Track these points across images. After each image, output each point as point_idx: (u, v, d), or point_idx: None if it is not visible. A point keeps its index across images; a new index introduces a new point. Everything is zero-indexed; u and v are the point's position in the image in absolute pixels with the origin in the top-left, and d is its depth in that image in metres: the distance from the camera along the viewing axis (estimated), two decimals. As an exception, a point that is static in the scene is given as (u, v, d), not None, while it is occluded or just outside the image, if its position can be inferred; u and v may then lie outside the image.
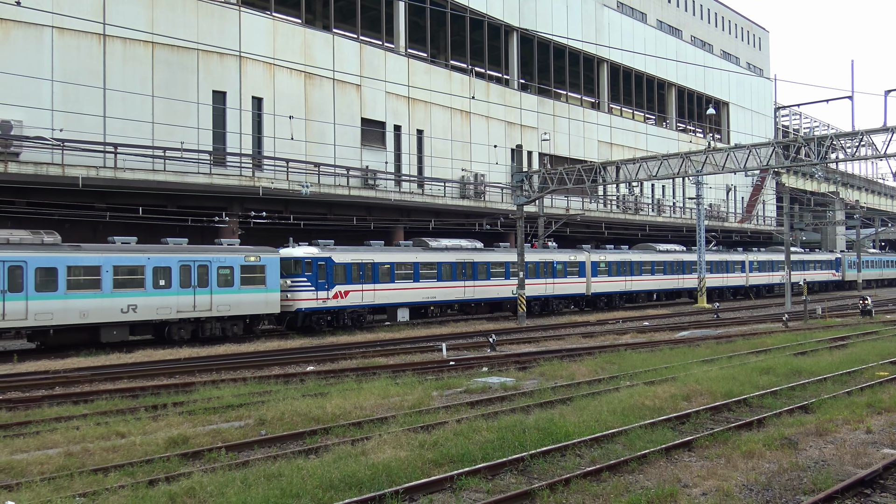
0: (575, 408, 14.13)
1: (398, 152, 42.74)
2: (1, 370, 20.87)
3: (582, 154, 54.71)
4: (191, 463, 10.91)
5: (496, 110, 48.55)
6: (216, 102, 34.59)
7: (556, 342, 27.41)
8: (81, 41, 30.76)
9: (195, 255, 27.33)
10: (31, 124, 28.82)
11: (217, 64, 34.57)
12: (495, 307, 39.63)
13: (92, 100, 30.76)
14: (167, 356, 23.82)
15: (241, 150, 35.00)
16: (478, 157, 46.67)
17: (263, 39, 36.21)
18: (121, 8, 31.59)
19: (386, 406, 14.86)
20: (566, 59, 54.81)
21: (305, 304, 30.11)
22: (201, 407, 14.75)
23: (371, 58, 41.38)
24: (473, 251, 37.11)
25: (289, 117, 36.30)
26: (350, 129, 39.89)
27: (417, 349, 25.21)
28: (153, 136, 32.09)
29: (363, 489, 9.31)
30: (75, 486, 9.60)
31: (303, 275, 30.11)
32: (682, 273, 49.64)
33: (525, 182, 37.06)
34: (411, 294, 33.97)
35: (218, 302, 27.72)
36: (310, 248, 30.72)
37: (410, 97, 43.18)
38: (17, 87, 28.86)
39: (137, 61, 32.19)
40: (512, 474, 10.25)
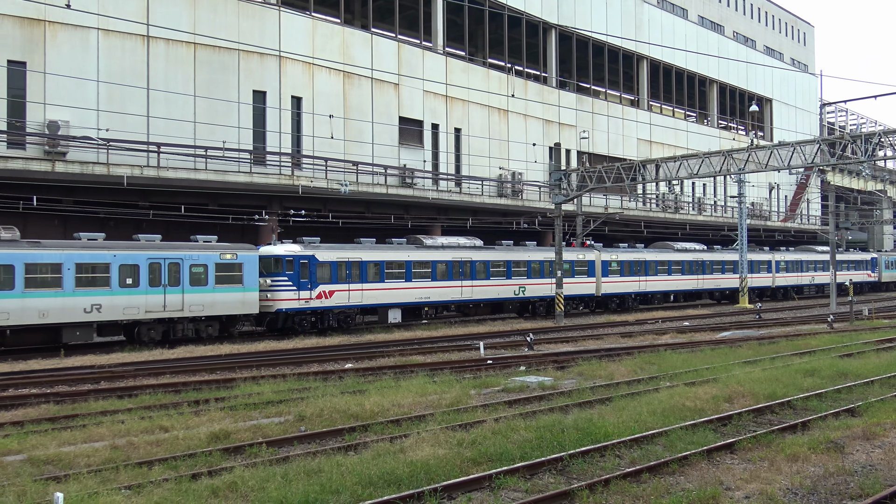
0: (614, 408, 14.01)
1: (436, 151, 42.80)
2: (48, 364, 21.39)
3: (621, 152, 54.18)
4: (232, 458, 11.05)
5: (534, 108, 48.32)
6: (256, 102, 35.00)
7: (595, 342, 27.19)
8: (126, 42, 31.38)
9: (165, 252, 26.12)
10: (77, 124, 29.49)
11: (257, 64, 34.98)
12: (496, 308, 37.83)
13: (136, 100, 31.35)
14: (208, 352, 24.18)
15: (280, 150, 35.38)
16: (516, 156, 46.51)
17: (303, 39, 36.54)
18: (164, 9, 32.16)
19: (424, 404, 14.89)
20: (605, 56, 54.33)
21: (286, 304, 28.72)
22: (242, 403, 14.94)
23: (409, 57, 41.49)
24: (472, 249, 35.53)
25: (329, 116, 36.59)
26: (388, 128, 40.05)
27: (455, 347, 25.22)
28: (195, 136, 32.59)
29: (402, 486, 9.33)
30: (121, 479, 9.80)
31: (283, 274, 28.74)
32: (703, 273, 47.47)
33: (563, 180, 36.83)
34: (403, 294, 32.32)
35: (190, 302, 26.43)
36: (291, 246, 29.48)
37: (448, 95, 43.20)
38: (65, 88, 29.56)
39: (180, 62, 32.73)
40: (550, 474, 10.20)
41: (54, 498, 8.12)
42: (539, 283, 37.82)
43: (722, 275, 49.05)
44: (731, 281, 49.39)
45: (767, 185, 68.74)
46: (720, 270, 48.91)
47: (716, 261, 48.60)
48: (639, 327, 33.11)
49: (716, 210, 63.48)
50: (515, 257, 36.81)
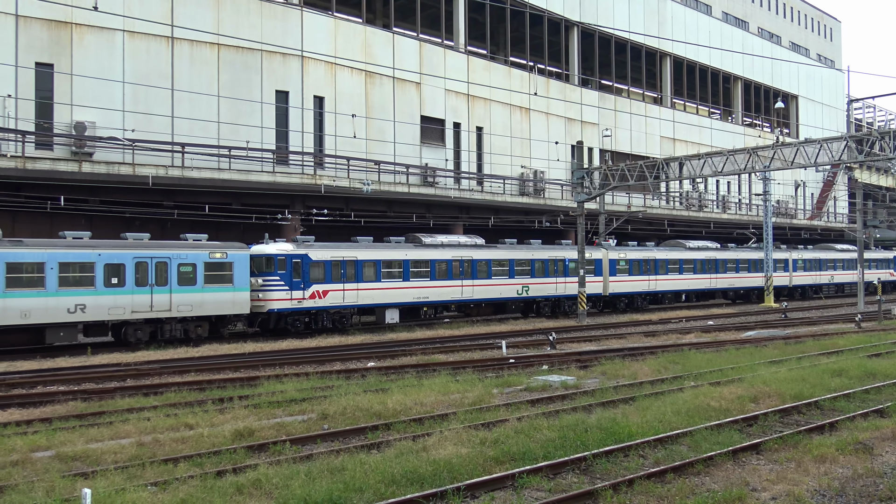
0: (637, 408, 13.92)
1: (457, 149, 42.78)
2: (75, 362, 21.67)
3: (644, 150, 53.81)
4: (256, 455, 11.13)
5: (556, 106, 48.12)
6: (279, 102, 35.20)
7: (618, 341, 27.05)
8: (151, 44, 31.70)
9: (152, 251, 25.53)
10: (103, 125, 29.84)
11: (280, 64, 35.18)
12: (498, 308, 36.92)
13: (160, 101, 31.67)
14: (232, 350, 24.38)
15: (303, 149, 35.56)
16: (537, 154, 46.35)
17: (325, 39, 36.69)
18: (188, 11, 32.43)
19: (446, 403, 14.90)
20: (628, 53, 53.99)
21: (278, 304, 28.10)
22: (266, 401, 15.04)
23: (430, 55, 41.51)
24: (473, 248, 34.62)
25: (351, 116, 36.72)
26: (410, 127, 40.10)
27: (477, 346, 25.20)
28: (219, 136, 32.86)
29: (425, 485, 9.34)
30: (147, 475, 9.90)
31: (275, 273, 28.11)
32: (716, 272, 46.23)
33: (585, 179, 36.66)
34: (400, 294, 31.52)
35: (178, 301, 25.82)
36: (283, 245, 28.86)
37: (470, 94, 43.17)
38: (91, 90, 29.94)
39: (204, 62, 33.00)
40: (574, 474, 10.16)
41: (82, 494, 8.23)
42: (543, 283, 36.94)
43: (736, 274, 47.85)
44: (746, 280, 48.38)
45: (793, 182, 67.94)
46: (734, 269, 47.69)
47: (730, 259, 47.37)
48: (662, 326, 32.88)
49: (740, 208, 62.85)
50: (518, 256, 35.98)
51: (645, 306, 42.36)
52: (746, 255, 48.76)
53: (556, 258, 37.47)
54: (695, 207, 56.65)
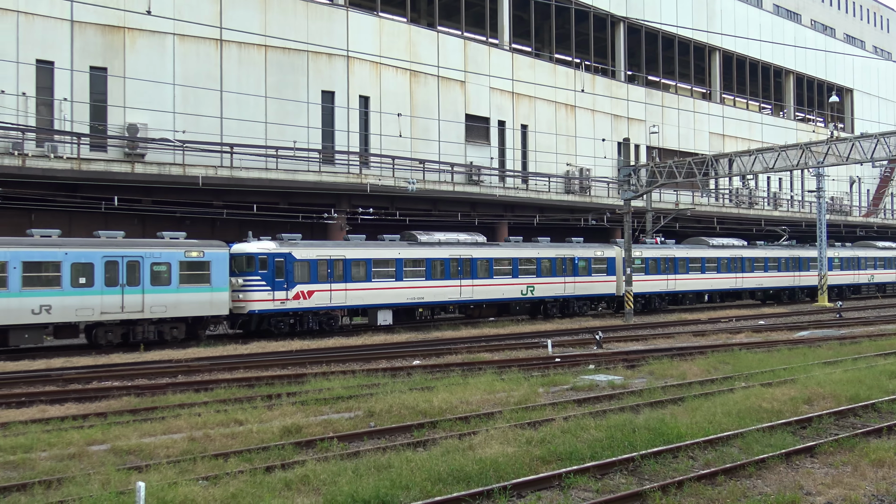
0: (687, 408, 13.70)
1: (502, 147, 42.66)
2: (129, 358, 22.20)
3: (692, 146, 52.93)
4: (304, 451, 11.26)
5: (602, 103, 47.63)
6: (325, 102, 35.55)
7: (665, 340, 26.68)
8: (200, 47, 32.29)
9: (123, 249, 24.48)
10: (155, 127, 30.52)
11: (326, 64, 35.52)
12: (502, 309, 35.16)
13: (210, 102, 32.25)
14: (280, 348, 24.70)
15: (348, 148, 35.84)
16: (583, 152, 45.95)
17: (370, 39, 36.92)
18: (236, 13, 32.95)
19: (492, 401, 14.87)
20: (675, 48, 53.15)
21: (259, 305, 26.94)
22: (313, 398, 15.20)
23: (475, 54, 41.46)
24: (472, 246, 32.85)
25: (396, 115, 36.89)
26: (454, 126, 40.12)
27: (522, 345, 25.10)
28: (266, 136, 33.33)
29: (471, 483, 9.33)
30: (198, 470, 10.09)
31: (256, 273, 26.92)
32: (742, 271, 43.71)
33: (632, 176, 36.22)
34: (393, 294, 30.05)
35: (151, 302, 24.76)
36: (265, 243, 27.65)
37: (514, 92, 43.00)
38: (143, 92, 30.64)
39: (251, 64, 33.50)
40: (622, 474, 10.05)
41: (136, 487, 8.42)
42: (550, 283, 34.98)
43: (765, 273, 45.26)
44: (776, 279, 45.99)
45: (848, 178, 66.06)
46: (762, 268, 45.13)
47: (757, 258, 44.80)
48: (711, 326, 32.32)
49: (792, 205, 61.38)
50: (523, 254, 34.19)
51: (664, 307, 40.55)
52: (776, 253, 46.31)
53: (565, 256, 35.55)
54: (745, 205, 55.50)
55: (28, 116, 28.50)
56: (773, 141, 55.46)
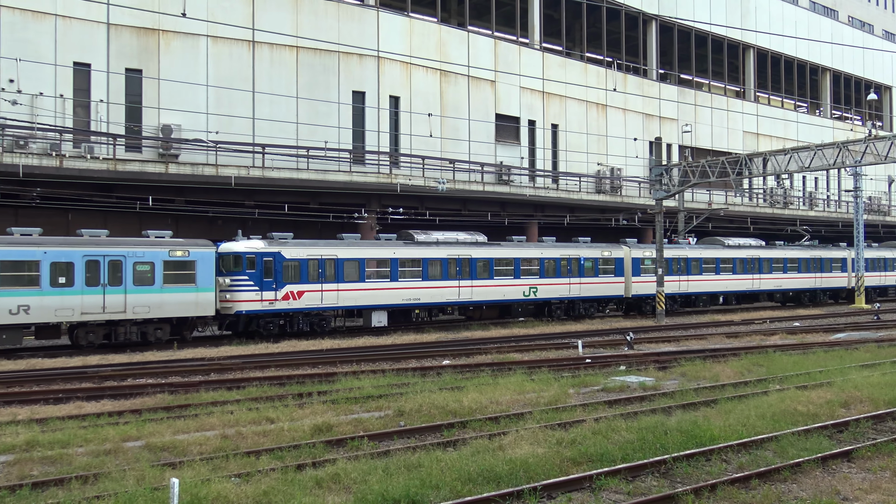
0: (720, 411, 13.53)
1: (532, 147, 42.51)
2: (163, 356, 22.52)
3: (725, 146, 52.24)
4: (335, 450, 11.32)
5: (634, 102, 47.24)
6: (356, 102, 35.72)
7: (698, 342, 26.38)
8: (233, 48, 32.64)
9: (105, 248, 23.89)
10: (188, 127, 30.91)
11: (356, 65, 35.69)
12: (504, 311, 33.99)
13: (242, 103, 32.58)
14: (310, 347, 24.89)
15: (378, 148, 35.97)
16: (614, 151, 45.60)
17: (400, 39, 37.01)
18: (268, 15, 33.25)
19: (522, 402, 14.83)
20: (709, 46, 52.51)
21: (247, 305, 26.34)
22: (343, 396, 15.28)
23: (505, 53, 41.36)
24: (472, 246, 31.94)
25: (427, 115, 36.94)
26: (484, 125, 40.07)
27: (552, 345, 24.99)
28: (297, 136, 33.59)
29: (501, 484, 9.31)
30: (230, 467, 10.20)
31: (244, 272, 26.32)
32: (759, 272, 42.23)
33: (664, 175, 35.87)
34: (387, 295, 29.28)
35: (134, 303, 24.18)
36: (253, 242, 27.05)
37: (545, 91, 42.83)
38: (177, 93, 31.05)
39: (283, 65, 33.79)
40: (653, 477, 9.95)
41: (170, 483, 8.52)
42: (554, 284, 33.90)
43: (784, 274, 43.62)
44: (796, 281, 44.42)
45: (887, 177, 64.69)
46: (781, 269, 43.52)
47: (775, 258, 43.26)
48: (745, 327, 31.88)
49: (829, 205, 60.30)
50: (525, 254, 33.28)
51: (676, 309, 39.27)
52: (796, 253, 44.64)
53: (570, 257, 34.47)
54: (779, 205, 54.66)
55: (66, 118, 29.05)
56: (808, 140, 54.51)
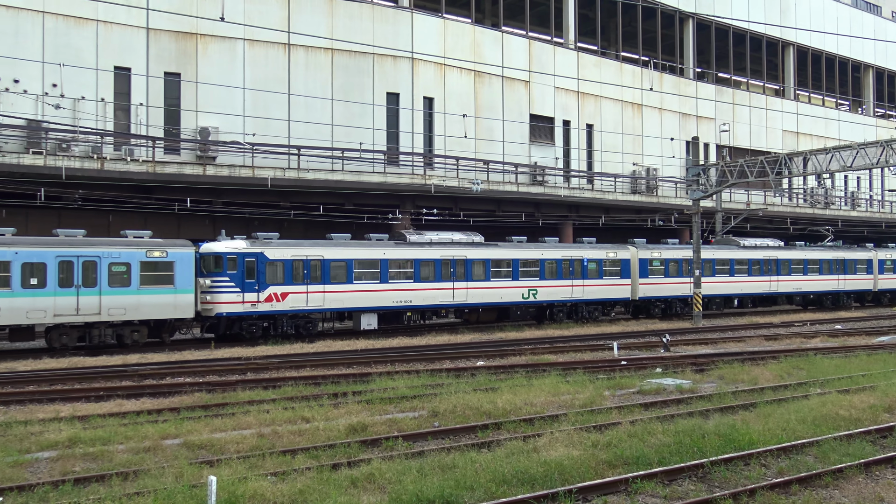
0: (759, 414, 13.31)
1: (567, 147, 42.27)
2: (200, 355, 22.84)
3: (764, 145, 51.40)
4: (370, 450, 11.36)
5: (670, 101, 46.73)
6: (390, 103, 35.87)
7: (736, 344, 26.00)
8: (269, 51, 33.01)
9: (79, 248, 23.31)
10: (225, 130, 31.33)
11: (391, 66, 35.84)
12: (502, 314, 32.76)
13: (278, 105, 32.92)
14: (345, 347, 25.04)
15: (413, 149, 36.07)
16: (650, 151, 45.14)
17: (434, 40, 37.08)
18: (304, 18, 33.57)
19: (556, 403, 14.74)
20: (747, 44, 51.69)
21: (227, 307, 25.67)
22: (378, 397, 15.34)
23: (540, 53, 41.20)
24: (467, 246, 30.91)
25: (462, 115, 36.95)
26: (518, 126, 39.96)
27: (587, 347, 24.82)
28: (332, 138, 33.83)
29: (536, 486, 9.27)
30: (267, 466, 10.30)
31: (224, 273, 25.65)
32: (776, 274, 40.47)
33: (701, 175, 35.41)
34: (377, 297, 28.38)
35: (109, 304, 23.56)
36: (235, 242, 26.36)
37: (580, 91, 42.56)
38: (214, 96, 31.50)
39: (318, 67, 34.07)
40: (690, 481, 9.82)
41: (208, 481, 8.64)
42: (555, 286, 32.78)
43: (804, 276, 41.78)
44: (817, 283, 42.57)
45: (932, 177, 63.10)
46: (801, 271, 41.76)
47: (794, 260, 41.55)
48: (784, 330, 31.32)
49: (871, 205, 59.00)
50: (524, 255, 32.14)
51: (687, 312, 37.24)
52: (817, 254, 42.85)
53: (572, 258, 33.26)
54: (820, 205, 53.60)
55: (106, 121, 29.62)
56: (850, 138, 53.34)
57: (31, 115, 27.78)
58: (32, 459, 10.84)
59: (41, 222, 27.60)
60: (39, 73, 28.42)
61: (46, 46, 28.65)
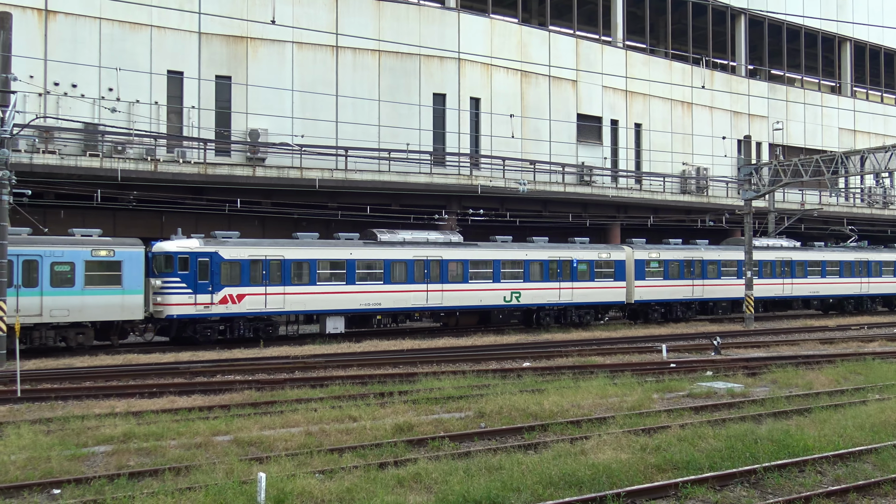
0: (814, 420, 12.97)
1: (615, 147, 41.82)
2: (250, 354, 23.19)
3: (819, 143, 50.10)
4: (416, 450, 11.39)
5: (721, 100, 45.87)
6: (436, 104, 35.95)
7: (789, 347, 25.38)
8: (317, 53, 33.39)
9: (18, 247, 22.33)
10: (274, 131, 31.78)
11: (437, 67, 35.92)
12: (484, 318, 31.00)
13: (326, 107, 33.27)
14: (391, 347, 25.14)
15: (459, 150, 36.10)
16: (700, 150, 44.38)
17: (481, 40, 37.04)
18: (351, 20, 33.87)
19: (604, 406, 14.58)
20: (801, 40, 50.44)
21: (179, 309, 24.43)
22: (424, 397, 15.37)
23: (587, 52, 40.84)
24: (442, 246, 29.20)
25: (509, 116, 36.85)
26: (565, 126, 39.67)
27: (635, 349, 24.49)
28: (379, 139, 34.06)
29: (583, 489, 9.18)
30: (315, 464, 10.40)
31: (175, 273, 24.46)
32: (791, 276, 37.93)
33: (754, 175, 34.64)
34: (342, 300, 26.94)
35: (52, 305, 22.65)
36: (187, 242, 25.10)
37: (628, 90, 42.06)
38: (264, 99, 32.00)
39: (365, 69, 34.34)
40: (742, 487, 9.62)
41: (258, 477, 8.77)
42: (541, 288, 30.94)
43: (822, 279, 38.81)
44: (837, 287, 39.80)
45: None
46: (818, 273, 38.96)
47: (812, 261, 38.82)
48: (840, 333, 30.47)
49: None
50: (507, 256, 30.33)
51: (691, 317, 35.45)
52: (837, 255, 40.08)
53: (561, 258, 31.27)
54: (878, 205, 52.01)
55: (160, 123, 30.32)
56: (910, 136, 51.71)
57: (88, 119, 28.59)
58: (89, 453, 11.13)
59: (98, 223, 28.32)
60: (96, 78, 29.24)
61: (103, 52, 29.45)
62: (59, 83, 28.60)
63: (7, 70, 21.43)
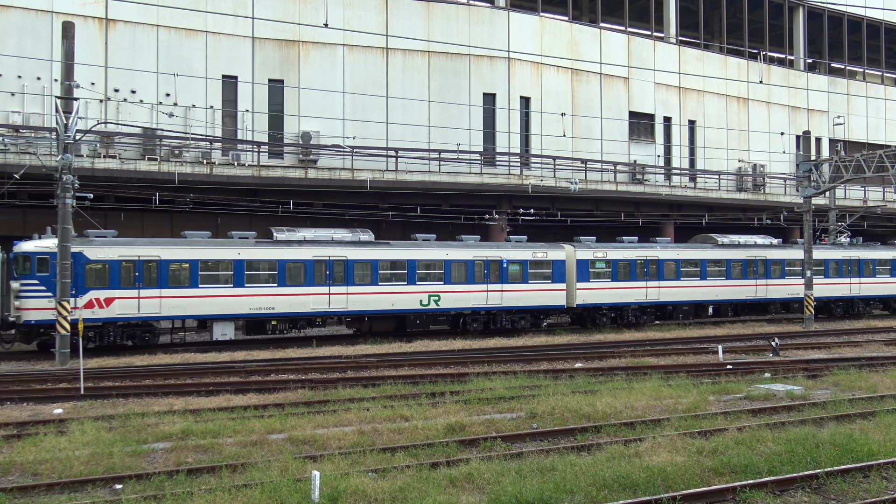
0: (879, 424, 12.54)
1: (668, 145, 41.15)
2: (303, 353, 23.50)
3: (883, 138, 48.48)
4: (468, 450, 11.37)
5: (778, 95, 44.73)
6: (486, 104, 35.89)
7: (852, 349, 24.61)
8: (367, 55, 33.66)
9: None
10: (326, 133, 32.16)
11: (487, 67, 35.85)
12: (400, 324, 28.17)
13: (376, 108, 33.53)
14: (443, 347, 25.19)
15: (509, 149, 35.98)
16: (756, 147, 43.38)
17: (531, 39, 36.85)
18: (401, 22, 34.06)
19: (658, 408, 14.35)
20: (863, 31, 48.85)
21: (37, 314, 22.41)
22: (475, 397, 15.35)
23: (639, 49, 40.28)
24: (348, 245, 26.84)
25: (560, 114, 36.59)
26: (617, 123, 39.20)
27: (690, 350, 24.05)
28: (429, 139, 34.17)
29: (637, 492, 9.04)
30: (367, 462, 10.47)
31: (34, 276, 22.48)
32: (765, 277, 34.38)
33: (813, 172, 33.67)
34: (230, 303, 24.79)
35: None
36: (47, 241, 22.95)
37: (681, 86, 41.34)
38: (315, 101, 32.43)
39: (415, 70, 34.48)
40: (804, 492, 9.35)
41: (312, 475, 8.87)
42: (465, 291, 28.25)
43: (802, 279, 33.66)
44: (821, 288, 35.26)
45: None
46: (798, 273, 34.80)
47: (790, 260, 35.11)
48: None
49: None
50: (423, 256, 27.73)
51: (648, 322, 32.25)
52: (822, 254, 36.04)
53: (488, 258, 28.57)
54: (946, 201, 50.02)
55: (215, 127, 30.97)
56: (980, 129, 49.66)
57: (146, 124, 29.36)
58: (149, 450, 11.41)
59: (156, 225, 29.10)
60: (154, 84, 30.00)
61: (160, 58, 30.21)
62: (118, 89, 29.45)
63: (70, 78, 22.13)
